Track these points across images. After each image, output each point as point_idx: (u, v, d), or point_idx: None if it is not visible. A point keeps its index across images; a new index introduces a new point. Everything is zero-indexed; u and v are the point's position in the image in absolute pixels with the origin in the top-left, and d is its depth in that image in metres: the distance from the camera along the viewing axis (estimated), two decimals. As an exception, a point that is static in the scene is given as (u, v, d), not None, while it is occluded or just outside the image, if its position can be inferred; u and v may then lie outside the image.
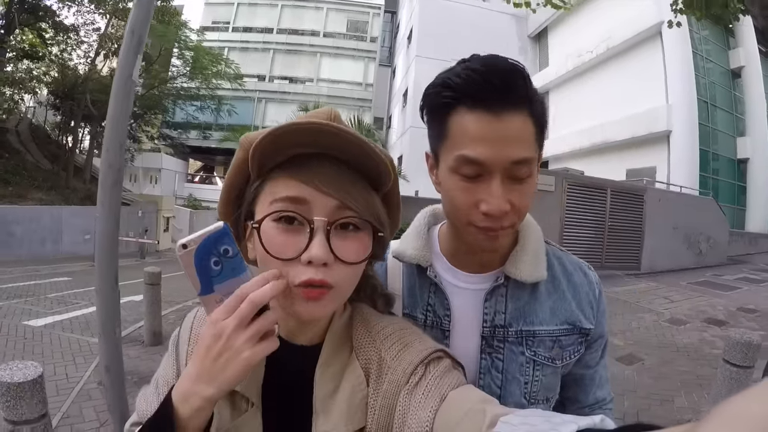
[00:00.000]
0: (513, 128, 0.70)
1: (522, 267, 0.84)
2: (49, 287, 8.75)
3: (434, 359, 0.63)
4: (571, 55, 19.22)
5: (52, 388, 4.00)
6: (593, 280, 0.93)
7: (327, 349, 0.65)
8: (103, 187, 1.84)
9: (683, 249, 10.90)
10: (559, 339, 0.87)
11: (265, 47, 33.16)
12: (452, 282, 0.90)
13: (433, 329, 0.89)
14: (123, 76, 1.95)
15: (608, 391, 0.99)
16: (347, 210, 0.59)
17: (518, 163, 0.71)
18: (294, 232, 0.58)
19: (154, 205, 18.65)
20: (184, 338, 0.73)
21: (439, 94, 0.74)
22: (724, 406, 0.22)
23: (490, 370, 0.87)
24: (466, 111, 0.71)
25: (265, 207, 0.60)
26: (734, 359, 2.88)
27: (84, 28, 18.13)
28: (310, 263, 0.56)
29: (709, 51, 16.69)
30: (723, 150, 16.74)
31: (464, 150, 0.72)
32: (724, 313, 6.58)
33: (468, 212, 0.75)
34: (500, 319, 0.86)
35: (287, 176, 0.59)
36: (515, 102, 0.70)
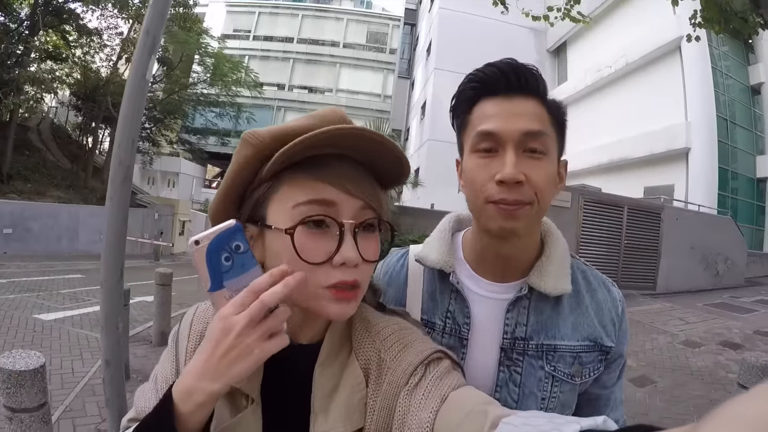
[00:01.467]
0: (523, 107, 0.77)
1: (546, 279, 0.83)
2: (62, 283, 8.89)
3: (434, 360, 0.62)
4: (590, 70, 19.15)
5: (57, 381, 4.05)
6: (617, 298, 0.91)
7: (326, 348, 0.64)
8: (113, 183, 1.86)
9: (700, 269, 10.70)
10: (579, 355, 0.85)
11: (285, 56, 33.63)
12: (474, 290, 0.89)
13: (451, 337, 0.88)
14: (137, 75, 1.97)
15: (621, 414, 0.95)
16: (370, 210, 0.61)
17: (529, 135, 0.75)
18: (322, 235, 0.58)
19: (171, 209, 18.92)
20: (183, 334, 0.72)
21: (466, 88, 0.82)
22: (725, 407, 0.22)
23: (508, 384, 0.85)
24: (485, 100, 0.79)
25: (286, 210, 0.59)
26: (750, 383, 2.78)
27: (107, 32, 18.65)
28: (342, 265, 0.57)
29: (728, 67, 16.48)
30: (742, 168, 16.47)
31: (480, 126, 0.78)
32: (740, 336, 6.42)
33: (485, 187, 0.77)
34: (521, 332, 0.84)
35: (310, 178, 0.59)
36: (527, 90, 0.78)
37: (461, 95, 0.83)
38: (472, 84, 0.81)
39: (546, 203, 0.79)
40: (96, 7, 17.17)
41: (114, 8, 17.46)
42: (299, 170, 0.59)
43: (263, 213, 0.61)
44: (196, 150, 26.48)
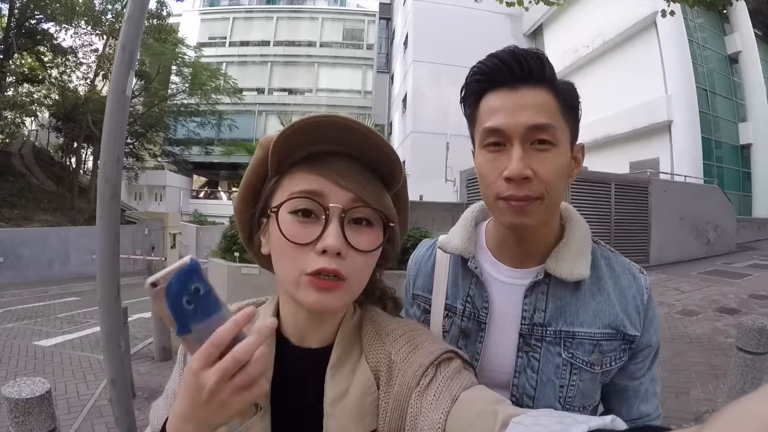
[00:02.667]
0: (529, 98, 0.76)
1: (563, 264, 0.82)
2: (59, 307, 8.82)
3: (444, 360, 0.62)
4: (568, 51, 19.22)
5: (64, 406, 4.03)
6: (643, 285, 0.88)
7: (337, 350, 0.65)
8: (101, 202, 1.85)
9: (691, 239, 10.80)
10: (600, 343, 0.83)
11: (263, 60, 33.36)
12: (494, 275, 0.90)
13: (470, 320, 0.90)
14: (117, 92, 1.96)
15: (655, 406, 0.91)
16: (361, 202, 0.62)
17: (535, 128, 0.74)
18: (310, 223, 0.60)
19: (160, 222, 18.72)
20: None
21: (471, 81, 0.81)
22: (730, 407, 0.22)
23: (526, 370, 0.85)
24: (491, 93, 0.79)
25: (283, 198, 0.61)
26: (748, 346, 2.84)
27: (82, 49, 18.36)
28: (324, 252, 0.58)
29: (705, 38, 16.65)
30: (725, 137, 16.67)
31: (486, 123, 0.78)
32: (736, 301, 6.49)
33: (494, 183, 0.77)
34: (539, 317, 0.84)
35: (305, 171, 0.62)
36: (532, 79, 0.76)
37: (468, 89, 0.83)
38: (477, 77, 0.80)
39: (558, 195, 0.79)
40: (69, 26, 16.92)
41: (87, 25, 17.22)
42: (298, 166, 0.62)
43: (270, 205, 0.65)
44: (181, 161, 26.18)
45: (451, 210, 10.72)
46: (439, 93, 19.55)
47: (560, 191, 0.79)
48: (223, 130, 23.68)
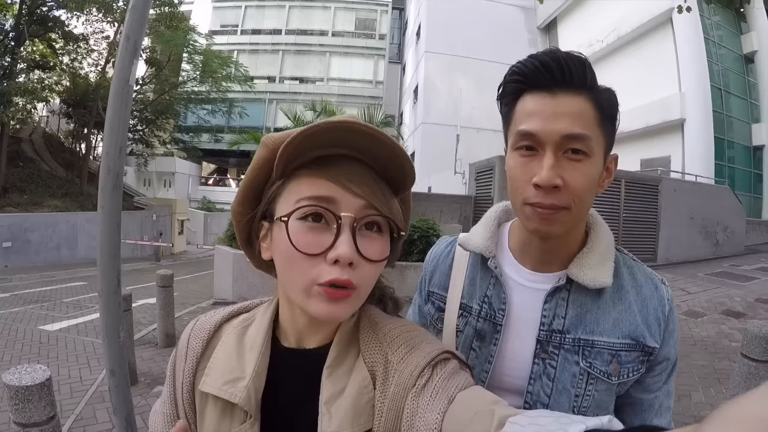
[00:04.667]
0: (567, 105, 0.73)
1: (586, 270, 0.81)
2: (65, 292, 8.93)
3: (441, 361, 0.62)
4: (582, 46, 18.95)
5: (67, 391, 4.09)
6: (665, 296, 0.86)
7: (335, 350, 0.64)
8: (103, 192, 1.85)
9: (699, 239, 10.71)
10: (618, 353, 0.81)
11: (275, 49, 33.34)
12: (514, 277, 0.88)
13: (485, 322, 0.88)
14: (120, 81, 1.95)
15: (668, 421, 0.90)
16: (373, 209, 0.60)
17: (570, 137, 0.72)
18: (320, 230, 0.58)
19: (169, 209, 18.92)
20: (181, 354, 0.72)
21: (509, 81, 0.79)
22: (727, 408, 0.22)
23: (541, 377, 0.83)
24: (528, 94, 0.77)
25: (290, 205, 0.60)
26: (753, 354, 2.79)
27: (93, 36, 18.45)
28: (336, 262, 0.56)
29: (721, 36, 16.37)
30: (738, 137, 16.42)
31: (521, 125, 0.76)
32: (742, 305, 6.44)
33: (523, 188, 0.76)
34: (558, 324, 0.83)
35: (314, 175, 0.59)
36: (572, 84, 0.74)
37: (505, 88, 0.81)
38: (515, 77, 0.78)
39: (586, 207, 0.78)
40: (81, 13, 16.96)
41: (99, 12, 17.25)
42: (306, 169, 0.60)
43: (272, 210, 0.63)
44: (190, 148, 26.41)
45: (459, 202, 10.69)
46: (451, 85, 19.48)
47: (589, 202, 0.78)
48: (233, 117, 23.79)
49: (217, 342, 0.70)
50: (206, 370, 0.67)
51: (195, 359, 0.69)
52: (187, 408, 0.69)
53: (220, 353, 0.68)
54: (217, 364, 0.67)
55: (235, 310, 0.76)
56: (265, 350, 0.66)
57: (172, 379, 0.72)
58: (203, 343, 0.70)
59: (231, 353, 0.67)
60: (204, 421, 0.67)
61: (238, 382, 0.63)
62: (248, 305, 0.77)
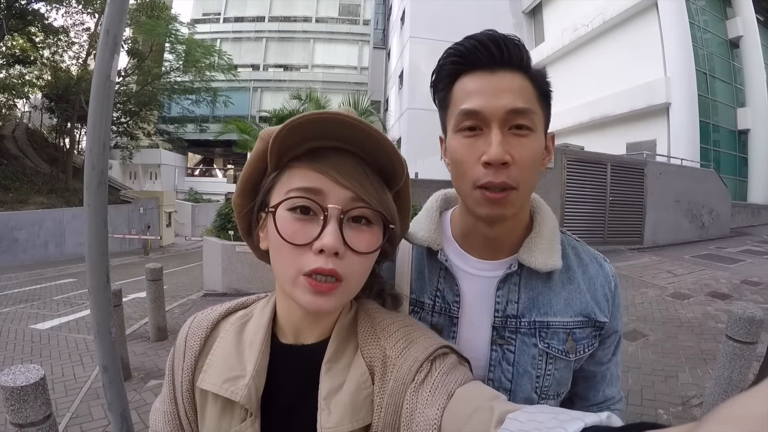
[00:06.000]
0: (507, 81, 0.73)
1: (537, 255, 0.81)
2: (55, 290, 8.84)
3: (440, 355, 0.62)
4: (567, 30, 18.94)
5: (61, 389, 4.07)
6: (609, 273, 0.89)
7: (333, 345, 0.65)
8: (88, 189, 1.82)
9: (686, 222, 10.85)
10: (573, 331, 0.84)
11: (258, 36, 32.99)
12: (463, 268, 0.88)
13: (441, 315, 0.88)
14: (101, 77, 1.91)
15: (618, 390, 0.95)
16: (361, 202, 0.61)
17: (515, 112, 0.72)
18: (307, 221, 0.59)
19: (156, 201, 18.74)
20: (179, 352, 0.72)
21: (446, 64, 0.78)
22: (727, 405, 0.22)
23: (501, 363, 0.84)
24: (467, 75, 0.76)
25: (280, 197, 0.61)
26: (737, 335, 2.83)
27: (74, 29, 18.03)
28: (321, 252, 0.57)
29: (706, 21, 16.39)
30: (723, 121, 16.53)
31: (463, 105, 0.74)
32: (728, 287, 6.54)
33: (471, 169, 0.74)
34: (513, 309, 0.83)
35: (304, 167, 0.61)
36: (510, 63, 0.74)
37: (441, 71, 0.79)
38: (452, 59, 0.77)
39: (533, 183, 0.78)
40: (60, 5, 16.59)
41: (78, 4, 16.88)
42: (298, 161, 0.62)
43: (268, 201, 0.64)
44: (176, 139, 26.01)
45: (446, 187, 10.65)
46: (436, 70, 19.22)
47: (535, 180, 0.77)
48: (218, 107, 23.56)
49: (215, 339, 0.71)
50: (205, 368, 0.68)
51: (193, 357, 0.70)
52: (187, 406, 0.70)
53: (219, 350, 0.68)
54: (215, 361, 0.67)
55: (232, 307, 0.76)
56: (265, 348, 0.67)
57: (171, 377, 0.72)
58: (201, 340, 0.71)
59: (230, 350, 0.68)
60: (204, 419, 0.67)
61: (239, 380, 0.63)
62: (245, 301, 0.78)
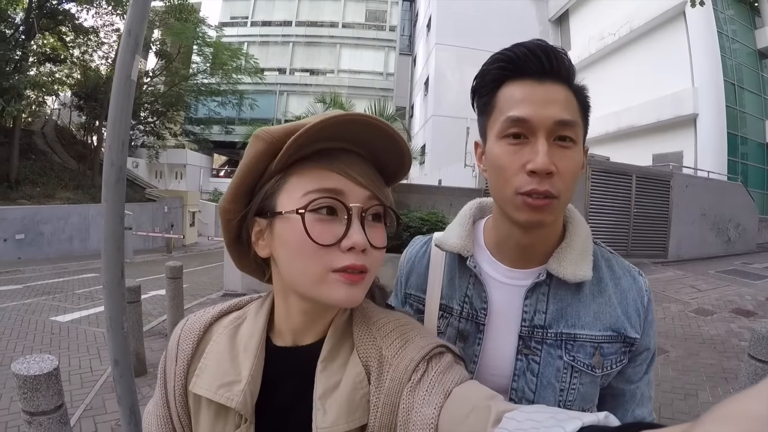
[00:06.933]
0: (554, 92, 0.74)
1: (566, 265, 0.81)
2: (77, 284, 9.03)
3: (436, 355, 0.62)
4: (594, 38, 18.77)
5: (77, 381, 4.17)
6: (643, 287, 0.87)
7: (328, 344, 0.65)
8: (106, 185, 1.87)
9: (711, 236, 10.59)
10: (601, 346, 0.82)
11: (285, 40, 33.41)
12: (493, 275, 0.88)
13: (468, 322, 0.88)
14: (122, 77, 1.96)
15: (649, 411, 0.91)
16: (376, 200, 0.63)
17: (562, 124, 0.73)
18: (330, 221, 0.60)
19: (180, 201, 19.03)
20: (171, 355, 0.71)
21: (490, 69, 0.78)
22: (723, 404, 0.22)
23: (525, 373, 0.83)
24: (514, 82, 0.76)
25: (295, 199, 0.60)
26: (760, 354, 2.72)
27: (103, 29, 18.41)
28: (350, 250, 0.59)
29: (734, 31, 16.05)
30: (751, 133, 16.12)
31: (510, 112, 0.74)
32: (753, 303, 6.36)
33: (514, 176, 0.74)
34: (540, 319, 0.83)
35: (318, 168, 0.61)
36: (557, 74, 0.75)
37: (486, 75, 0.79)
38: (499, 64, 0.77)
39: (571, 194, 0.78)
40: (90, 6, 17.01)
41: (108, 5, 17.29)
42: (308, 162, 0.61)
43: (272, 204, 0.63)
44: (201, 140, 26.44)
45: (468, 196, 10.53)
46: (462, 76, 19.34)
47: (573, 190, 0.78)
48: (243, 109, 23.85)
49: (208, 342, 0.70)
50: (197, 372, 0.67)
51: (186, 361, 0.69)
52: (180, 410, 0.69)
53: (212, 354, 0.67)
54: (209, 365, 0.66)
55: (225, 309, 0.75)
56: (260, 352, 0.66)
57: (163, 380, 0.71)
58: (194, 343, 0.70)
59: (223, 354, 0.67)
60: (198, 424, 0.67)
61: (234, 386, 0.63)
62: (238, 303, 0.77)
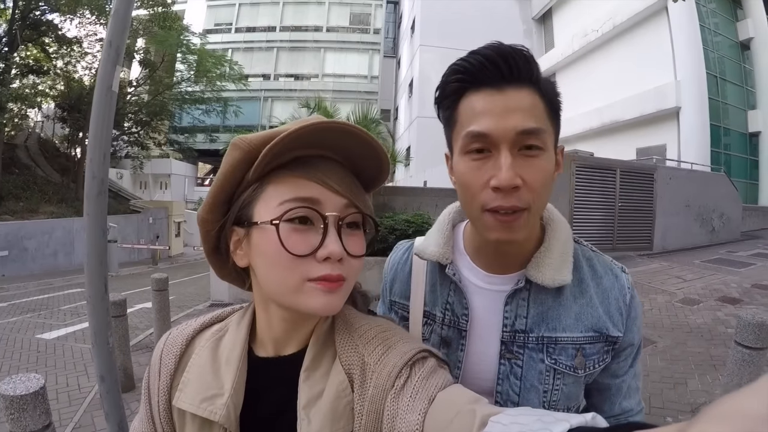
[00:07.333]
0: (516, 99, 0.70)
1: (545, 270, 0.80)
2: (63, 299, 8.90)
3: (419, 360, 0.61)
4: (577, 35, 18.94)
5: (65, 399, 4.09)
6: (625, 284, 0.86)
7: (311, 353, 0.64)
8: (88, 198, 1.86)
9: (696, 227, 10.71)
10: (583, 347, 0.81)
11: (269, 46, 33.41)
12: (473, 281, 0.88)
13: (450, 328, 0.88)
14: (103, 88, 1.95)
15: (637, 401, 0.91)
16: (354, 208, 0.62)
17: (525, 133, 0.69)
18: (306, 230, 0.59)
19: (165, 211, 18.88)
20: (154, 370, 0.71)
21: (450, 81, 0.75)
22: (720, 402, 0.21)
23: (509, 377, 0.83)
24: (473, 93, 0.72)
25: (271, 208, 0.59)
26: (746, 341, 2.76)
27: (87, 39, 18.25)
28: (326, 260, 0.58)
29: (716, 24, 16.36)
30: (734, 124, 16.44)
31: (470, 126, 0.71)
32: (738, 291, 6.43)
33: (479, 193, 0.72)
34: (521, 324, 0.82)
35: (295, 176, 0.60)
36: (519, 79, 0.71)
37: (446, 88, 0.76)
38: (457, 76, 0.73)
39: (544, 203, 0.76)
40: (74, 16, 16.85)
41: (92, 15, 17.14)
42: (285, 170, 0.60)
43: (249, 214, 0.62)
44: (186, 149, 26.17)
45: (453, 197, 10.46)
46: (446, 78, 19.28)
47: (546, 199, 0.75)
48: (228, 117, 23.75)
49: (191, 356, 0.69)
50: (181, 386, 0.66)
51: (169, 376, 0.68)
52: (165, 426, 0.68)
53: (195, 368, 0.67)
54: (191, 379, 0.66)
55: (206, 321, 0.75)
56: (242, 364, 0.65)
57: (147, 396, 0.71)
58: (176, 358, 0.69)
59: (206, 368, 0.66)
60: None
61: (217, 399, 0.62)
62: (220, 314, 0.76)
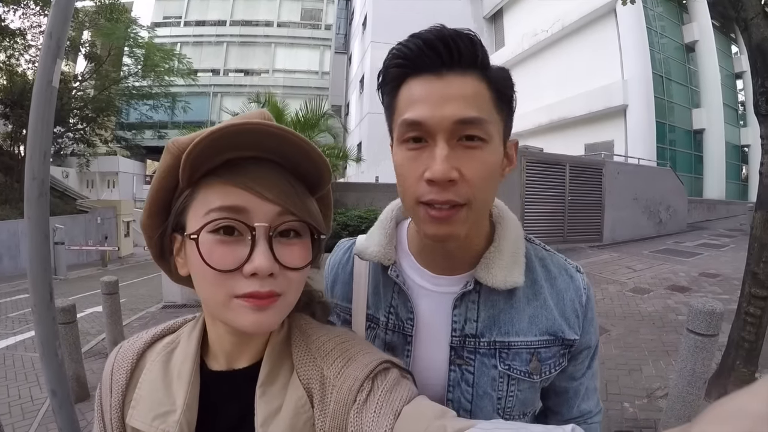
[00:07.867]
0: (456, 86, 0.64)
1: (495, 272, 0.74)
2: (10, 306, 8.39)
3: (381, 372, 0.58)
4: (527, 35, 19.41)
5: (18, 412, 3.84)
6: (581, 285, 0.81)
7: (266, 367, 0.60)
8: (28, 201, 1.73)
9: (644, 219, 11.17)
10: (537, 351, 0.76)
11: (219, 40, 32.71)
12: (419, 282, 0.81)
13: (394, 333, 0.82)
14: (43, 83, 1.82)
15: (596, 402, 0.88)
16: (289, 215, 0.56)
17: (464, 123, 0.63)
18: (234, 243, 0.54)
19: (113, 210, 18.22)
20: (105, 387, 0.66)
21: (390, 66, 0.69)
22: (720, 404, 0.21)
23: (460, 384, 0.77)
24: (413, 79, 0.66)
25: (199, 217, 0.55)
26: (698, 328, 2.84)
27: (30, 31, 17.22)
28: (254, 275, 0.52)
29: (663, 27, 17.21)
30: (679, 121, 17.34)
31: (406, 114, 0.65)
32: (687, 279, 6.71)
33: (414, 186, 0.65)
34: (471, 328, 0.76)
35: (222, 182, 0.55)
36: (461, 64, 0.64)
37: (386, 74, 0.70)
38: (397, 61, 0.67)
39: (487, 199, 0.69)
40: (17, 6, 15.87)
41: (36, 5, 16.18)
42: (215, 175, 0.55)
43: (183, 222, 0.58)
44: (133, 146, 25.19)
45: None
46: (397, 74, 19.38)
47: (491, 194, 0.69)
48: (177, 112, 23.08)
49: (142, 370, 0.65)
50: (133, 403, 0.62)
51: (121, 392, 0.64)
52: None
53: (146, 383, 0.63)
54: (143, 395, 0.62)
55: (158, 333, 0.70)
56: (194, 379, 0.61)
57: (100, 414, 0.66)
58: (127, 373, 0.65)
59: (157, 383, 0.62)
60: None
61: (169, 416, 0.58)
62: (172, 325, 0.72)
